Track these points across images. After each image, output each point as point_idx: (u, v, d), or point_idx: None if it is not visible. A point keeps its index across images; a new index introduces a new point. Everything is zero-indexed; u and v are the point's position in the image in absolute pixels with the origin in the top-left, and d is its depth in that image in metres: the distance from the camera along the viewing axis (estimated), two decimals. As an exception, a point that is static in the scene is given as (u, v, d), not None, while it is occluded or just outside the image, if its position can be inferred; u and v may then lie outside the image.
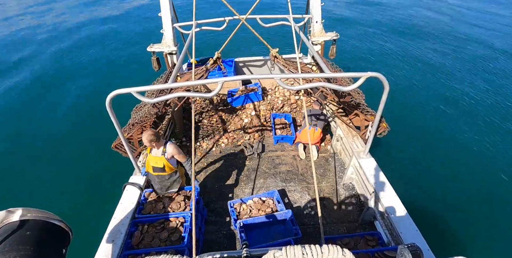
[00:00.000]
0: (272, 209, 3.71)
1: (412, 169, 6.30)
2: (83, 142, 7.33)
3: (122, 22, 16.28)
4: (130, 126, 4.09)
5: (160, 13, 5.20)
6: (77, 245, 1.81)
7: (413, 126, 7.58)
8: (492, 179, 6.02)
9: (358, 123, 4.37)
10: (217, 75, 6.03)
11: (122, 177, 3.86)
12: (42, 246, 0.84)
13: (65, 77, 10.74)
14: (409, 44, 12.43)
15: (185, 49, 4.85)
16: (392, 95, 3.07)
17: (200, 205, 3.82)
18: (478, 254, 4.79)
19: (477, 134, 7.26)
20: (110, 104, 2.73)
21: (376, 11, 16.73)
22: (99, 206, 5.61)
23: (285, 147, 5.37)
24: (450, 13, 16.29)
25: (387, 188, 3.38)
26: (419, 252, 1.43)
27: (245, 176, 4.78)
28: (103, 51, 12.76)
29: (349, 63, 10.62)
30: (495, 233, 5.05)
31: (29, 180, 6.42)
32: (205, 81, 2.98)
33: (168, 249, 2.91)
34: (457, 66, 10.53)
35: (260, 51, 7.13)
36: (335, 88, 2.99)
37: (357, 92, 4.32)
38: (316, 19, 5.45)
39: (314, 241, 3.69)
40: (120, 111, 3.28)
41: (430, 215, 5.28)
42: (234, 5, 4.80)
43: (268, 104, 6.24)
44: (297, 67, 4.23)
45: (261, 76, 5.87)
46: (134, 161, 3.63)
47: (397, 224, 2.98)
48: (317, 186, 3.96)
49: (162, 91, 4.31)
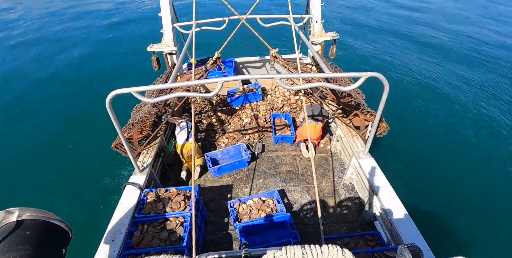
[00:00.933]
0: (272, 209, 3.71)
1: (412, 169, 6.30)
2: (83, 142, 7.33)
3: (122, 22, 16.28)
4: (130, 126, 4.08)
5: (160, 13, 5.20)
6: (77, 245, 1.81)
7: (413, 126, 7.59)
8: (492, 179, 6.02)
9: (358, 123, 4.36)
10: (217, 75, 6.03)
11: (122, 177, 3.88)
12: (41, 246, 0.84)
13: (65, 77, 10.74)
14: (410, 44, 12.44)
15: (185, 49, 4.85)
16: (392, 95, 3.07)
17: (200, 205, 3.82)
18: (478, 254, 4.79)
19: (478, 134, 7.26)
20: (110, 104, 2.73)
21: (377, 11, 16.73)
22: (99, 206, 5.62)
23: (285, 147, 5.37)
24: (451, 13, 16.29)
25: (387, 188, 3.38)
26: (419, 252, 1.43)
27: (245, 175, 4.78)
28: (103, 51, 12.76)
29: (349, 63, 10.63)
30: (495, 233, 5.06)
31: (29, 180, 6.42)
32: (205, 81, 2.98)
33: (168, 249, 2.91)
34: (458, 66, 10.54)
35: (260, 51, 7.12)
36: (335, 88, 2.99)
37: (357, 92, 4.32)
38: (316, 19, 5.44)
39: (314, 241, 3.69)
40: (120, 111, 3.28)
41: (430, 215, 5.28)
42: (234, 5, 4.80)
43: (268, 104, 6.24)
44: (297, 67, 4.23)
45: (261, 76, 5.86)
46: (134, 161, 3.63)
47: (397, 224, 2.98)
48: (317, 186, 3.96)
49: (162, 91, 4.30)
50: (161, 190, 3.61)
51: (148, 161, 4.00)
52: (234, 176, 4.78)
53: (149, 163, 3.97)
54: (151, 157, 4.08)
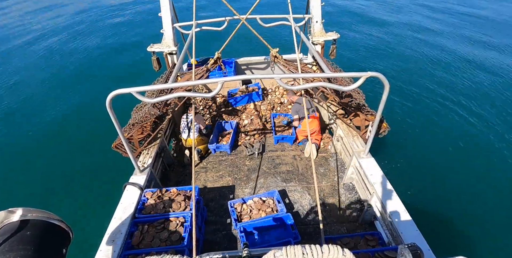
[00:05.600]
0: (272, 209, 3.71)
1: (413, 168, 6.30)
2: (83, 142, 7.33)
3: (122, 22, 16.28)
4: (130, 126, 4.08)
5: (160, 13, 5.20)
6: (78, 245, 1.81)
7: (413, 126, 7.59)
8: (493, 179, 6.02)
9: (358, 123, 4.36)
10: (217, 75, 6.03)
11: (122, 177, 3.87)
12: (42, 246, 0.84)
13: (65, 77, 10.75)
14: (410, 44, 12.43)
15: (185, 49, 4.84)
16: (392, 95, 3.07)
17: (200, 205, 3.82)
18: (478, 254, 4.79)
19: (478, 134, 7.26)
20: (110, 104, 2.73)
21: (377, 11, 16.73)
22: (99, 206, 5.63)
23: (285, 147, 5.36)
24: (452, 13, 16.28)
25: (387, 188, 3.38)
26: (419, 252, 1.43)
27: (245, 175, 4.78)
28: (103, 51, 12.77)
29: (349, 63, 10.63)
30: (495, 233, 5.06)
31: (29, 180, 6.43)
32: (205, 81, 2.97)
33: (168, 249, 2.91)
34: (458, 66, 10.53)
35: (260, 51, 7.12)
36: (335, 88, 2.98)
37: (357, 92, 4.32)
38: (316, 19, 5.44)
39: (314, 241, 3.69)
40: (120, 111, 3.28)
41: (431, 215, 5.28)
42: (234, 5, 4.80)
43: (268, 104, 6.24)
44: (297, 67, 4.23)
45: (261, 76, 5.82)
46: (134, 161, 3.63)
47: (397, 224, 2.97)
48: (317, 186, 3.96)
49: (162, 91, 4.30)
50: (162, 190, 3.61)
51: (148, 161, 4.00)
52: (234, 176, 4.78)
53: (149, 163, 3.97)
54: (151, 157, 4.08)
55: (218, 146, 5.23)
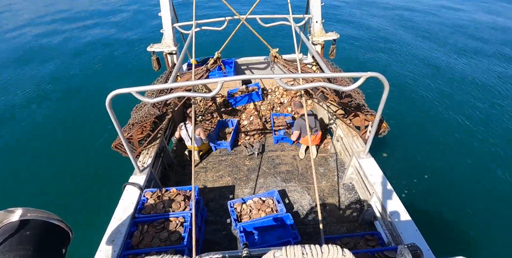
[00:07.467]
0: (272, 209, 3.71)
1: (412, 168, 6.30)
2: (83, 142, 7.33)
3: (122, 22, 16.27)
4: (130, 126, 4.08)
5: (160, 13, 5.20)
6: (77, 245, 1.81)
7: (413, 126, 7.59)
8: (492, 179, 6.02)
9: (358, 123, 4.36)
10: (217, 75, 6.03)
11: (122, 177, 3.87)
12: (42, 246, 0.84)
13: (65, 77, 10.74)
14: (410, 44, 12.44)
15: (185, 49, 4.84)
16: (392, 95, 3.07)
17: (200, 205, 3.82)
18: (478, 254, 4.79)
19: (478, 134, 7.26)
20: (110, 104, 2.73)
21: (377, 11, 16.73)
22: (99, 206, 5.62)
23: (285, 147, 5.37)
24: (452, 12, 16.28)
25: (387, 188, 3.38)
26: (419, 252, 1.43)
27: (245, 175, 4.78)
28: (103, 51, 12.76)
29: (349, 63, 10.63)
30: (495, 233, 5.06)
31: (29, 180, 6.42)
32: (205, 81, 2.97)
33: (168, 249, 2.91)
34: (459, 66, 10.53)
35: (260, 51, 7.11)
36: (335, 88, 2.98)
37: (357, 92, 4.31)
38: (316, 19, 5.44)
39: (314, 241, 3.69)
40: (120, 112, 3.28)
41: (430, 215, 5.28)
42: (234, 5, 4.80)
43: (268, 104, 6.24)
44: (297, 67, 4.23)
45: (261, 76, 5.85)
46: (134, 161, 3.63)
47: (397, 224, 2.97)
48: (317, 186, 3.96)
49: (162, 91, 4.30)
50: (161, 190, 3.60)
51: (148, 161, 4.00)
52: (234, 176, 4.78)
53: (149, 163, 3.97)
54: (151, 157, 4.08)
55: (219, 143, 5.28)
